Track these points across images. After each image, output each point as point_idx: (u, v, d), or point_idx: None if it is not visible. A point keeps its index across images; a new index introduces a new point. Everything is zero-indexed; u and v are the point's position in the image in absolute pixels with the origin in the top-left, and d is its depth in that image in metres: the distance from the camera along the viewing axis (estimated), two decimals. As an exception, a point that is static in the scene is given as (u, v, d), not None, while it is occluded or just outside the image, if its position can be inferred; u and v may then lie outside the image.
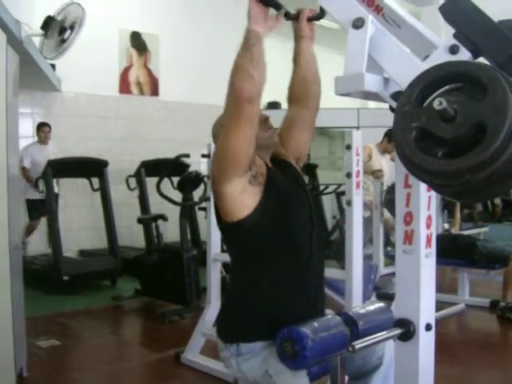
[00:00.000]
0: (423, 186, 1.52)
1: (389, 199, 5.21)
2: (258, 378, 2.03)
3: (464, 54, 1.29)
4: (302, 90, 2.35)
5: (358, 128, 9.85)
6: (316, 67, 2.36)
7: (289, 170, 2.27)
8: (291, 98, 2.40)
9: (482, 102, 1.12)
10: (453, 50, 1.30)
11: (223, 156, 1.97)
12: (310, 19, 2.26)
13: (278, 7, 1.99)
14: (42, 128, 7.46)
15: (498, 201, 11.92)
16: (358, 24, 1.42)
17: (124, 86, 8.81)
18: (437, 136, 1.15)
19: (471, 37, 1.27)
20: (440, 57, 1.30)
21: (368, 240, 5.77)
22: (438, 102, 1.13)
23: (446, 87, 1.19)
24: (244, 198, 2.00)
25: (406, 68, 1.36)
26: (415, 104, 1.21)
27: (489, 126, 1.09)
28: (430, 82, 1.21)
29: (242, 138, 1.91)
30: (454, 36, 1.31)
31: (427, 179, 1.23)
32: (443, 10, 1.33)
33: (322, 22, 2.27)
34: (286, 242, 2.09)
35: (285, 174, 2.23)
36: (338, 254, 5.28)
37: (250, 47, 1.90)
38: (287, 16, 2.19)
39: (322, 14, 2.13)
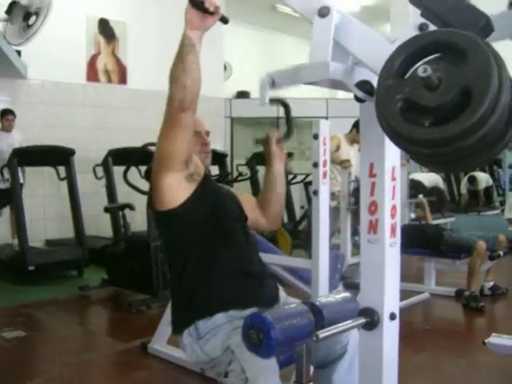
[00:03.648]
0: (388, 176, 1.52)
1: (356, 189, 5.24)
2: (220, 355, 2.07)
3: None
4: (264, 206, 2.60)
5: (326, 118, 9.89)
6: (282, 187, 2.62)
7: (225, 188, 2.61)
8: (258, 205, 2.63)
9: (464, 67, 1.11)
10: (421, 28, 1.29)
11: (159, 155, 2.13)
12: (279, 141, 2.55)
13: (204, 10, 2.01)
14: (6, 116, 7.30)
15: (464, 191, 12.10)
16: (324, 12, 1.41)
17: (92, 74, 8.70)
18: (422, 106, 1.14)
19: (439, 13, 1.26)
20: (409, 36, 1.29)
21: (336, 230, 5.80)
22: (422, 69, 1.11)
23: (426, 58, 1.18)
24: (178, 190, 2.18)
25: (377, 50, 1.36)
26: (397, 77, 1.19)
27: (474, 90, 1.08)
28: (409, 53, 1.19)
29: (174, 142, 2.06)
30: (422, 15, 1.30)
31: (416, 150, 1.20)
32: None
33: (289, 11, 2.27)
34: (218, 228, 2.27)
35: (222, 186, 2.57)
36: (306, 244, 5.29)
37: (183, 56, 1.97)
38: (257, 141, 2.44)
39: (288, 134, 2.59)
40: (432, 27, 1.29)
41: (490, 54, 1.10)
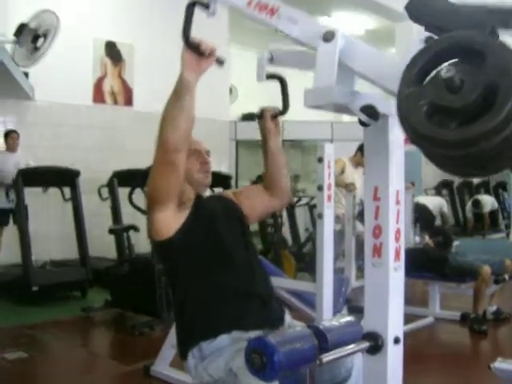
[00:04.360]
0: (392, 199, 1.52)
1: (361, 212, 5.24)
2: (224, 377, 2.05)
3: None
4: (270, 183, 2.56)
5: (331, 141, 9.90)
6: (282, 161, 2.55)
7: (222, 200, 2.51)
8: (264, 185, 2.59)
9: (484, 66, 1.11)
10: (427, 41, 1.31)
11: (152, 191, 2.15)
12: (274, 116, 2.47)
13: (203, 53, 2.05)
14: (11, 135, 7.37)
15: (469, 214, 12.08)
16: (329, 37, 1.42)
17: (98, 96, 8.76)
18: (447, 108, 1.14)
19: (442, 26, 1.27)
20: (417, 49, 1.29)
21: (340, 253, 5.79)
22: (446, 70, 1.12)
23: (444, 64, 1.18)
24: (172, 220, 2.18)
25: (385, 68, 1.38)
26: (417, 84, 1.19)
27: (499, 87, 1.07)
28: (428, 59, 1.20)
29: (167, 181, 2.09)
30: (426, 29, 1.32)
31: (444, 153, 1.18)
32: (409, 7, 1.34)
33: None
34: (217, 251, 2.26)
35: (217, 201, 2.49)
36: (311, 267, 5.29)
37: (181, 98, 2.00)
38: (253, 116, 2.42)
39: (284, 110, 2.40)
40: None
41: (507, 50, 1.10)
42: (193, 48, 2.00)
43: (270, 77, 2.20)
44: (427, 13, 1.32)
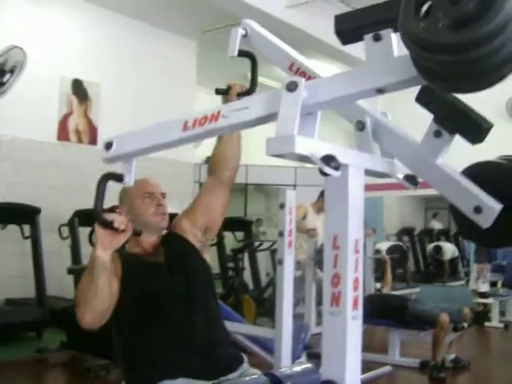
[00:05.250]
0: (351, 248, 1.53)
1: (320, 259, 5.26)
2: None
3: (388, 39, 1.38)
4: (220, 163, 2.48)
5: (294, 186, 9.98)
6: (238, 144, 2.47)
7: (171, 244, 2.41)
8: (210, 170, 2.53)
9: None
10: (377, 38, 1.39)
11: None
12: (240, 94, 2.35)
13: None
14: None
15: (430, 259, 12.22)
16: (292, 87, 1.44)
17: (62, 133, 8.69)
18: (459, 18, 1.13)
19: (379, 19, 1.38)
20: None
21: (301, 298, 5.78)
22: None
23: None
24: None
25: (355, 77, 1.44)
26: (420, 16, 1.20)
27: None
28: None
29: None
30: (364, 32, 1.41)
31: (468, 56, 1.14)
32: (338, 30, 1.49)
33: (260, 79, 2.33)
34: (149, 314, 2.23)
35: (165, 246, 2.39)
36: (271, 312, 5.26)
37: (95, 277, 1.98)
38: (218, 91, 2.29)
39: (252, 89, 2.28)
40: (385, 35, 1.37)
41: None
42: (106, 225, 1.96)
43: (242, 54, 2.14)
44: (354, 19, 1.45)
